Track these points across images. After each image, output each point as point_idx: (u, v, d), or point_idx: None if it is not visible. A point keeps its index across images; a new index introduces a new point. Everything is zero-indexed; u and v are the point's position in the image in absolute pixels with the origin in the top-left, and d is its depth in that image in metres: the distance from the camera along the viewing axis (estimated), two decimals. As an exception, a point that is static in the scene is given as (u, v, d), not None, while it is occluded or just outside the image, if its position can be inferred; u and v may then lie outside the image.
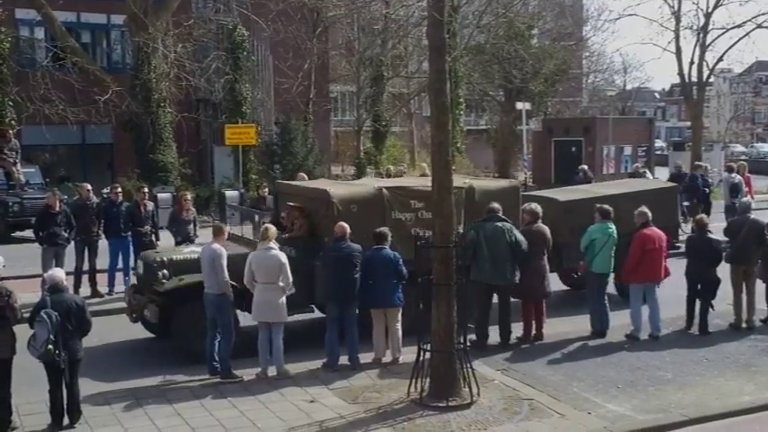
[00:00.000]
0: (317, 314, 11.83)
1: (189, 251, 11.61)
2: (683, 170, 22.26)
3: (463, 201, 11.78)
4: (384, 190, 11.74)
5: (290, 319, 10.75)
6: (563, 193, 14.82)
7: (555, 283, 13.01)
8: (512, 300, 11.60)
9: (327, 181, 15.35)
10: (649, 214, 11.90)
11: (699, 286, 12.03)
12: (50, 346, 8.18)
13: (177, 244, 13.81)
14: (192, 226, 14.74)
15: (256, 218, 12.13)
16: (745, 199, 15.41)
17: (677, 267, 12.28)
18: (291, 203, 11.93)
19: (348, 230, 10.61)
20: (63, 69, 25.92)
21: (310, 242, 11.19)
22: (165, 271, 10.93)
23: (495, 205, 11.61)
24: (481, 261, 11.12)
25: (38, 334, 8.26)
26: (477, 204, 11.96)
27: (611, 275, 12.26)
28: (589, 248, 11.81)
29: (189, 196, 15.32)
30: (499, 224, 11.22)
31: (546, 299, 11.81)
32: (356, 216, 11.19)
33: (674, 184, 16.47)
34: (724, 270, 12.30)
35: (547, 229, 11.74)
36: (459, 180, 12.49)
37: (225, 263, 9.98)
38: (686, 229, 16.81)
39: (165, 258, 11.25)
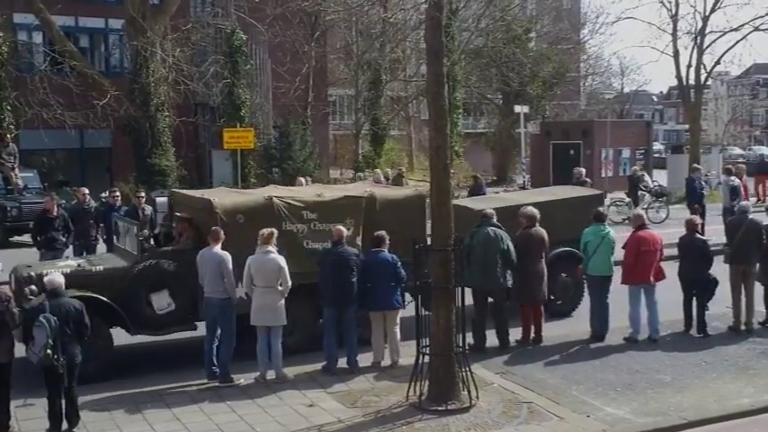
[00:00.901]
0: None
1: (62, 265, 10.88)
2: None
3: (362, 210, 11.38)
4: (275, 200, 11.12)
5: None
6: (480, 202, 14.11)
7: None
8: (507, 303, 11.59)
9: (223, 190, 14.45)
10: (645, 218, 12.12)
11: (694, 287, 12.04)
12: (49, 351, 8.17)
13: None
14: None
15: (133, 229, 11.35)
16: (744, 202, 15.48)
17: (675, 271, 12.28)
18: (179, 214, 11.51)
19: (345, 234, 10.60)
20: (61, 73, 25.93)
21: (194, 255, 10.33)
22: (34, 287, 9.74)
23: (489, 211, 11.60)
24: (473, 266, 11.08)
25: (37, 339, 8.24)
26: (379, 214, 11.42)
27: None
28: (584, 251, 11.88)
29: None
30: (492, 230, 11.21)
31: (544, 302, 11.81)
32: (243, 227, 10.65)
33: (601, 192, 15.63)
34: (722, 271, 12.31)
35: (544, 233, 11.73)
36: (358, 189, 12.44)
37: (231, 267, 9.99)
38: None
39: (33, 273, 10.32)
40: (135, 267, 10.65)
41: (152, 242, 11.98)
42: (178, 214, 11.58)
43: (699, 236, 12.24)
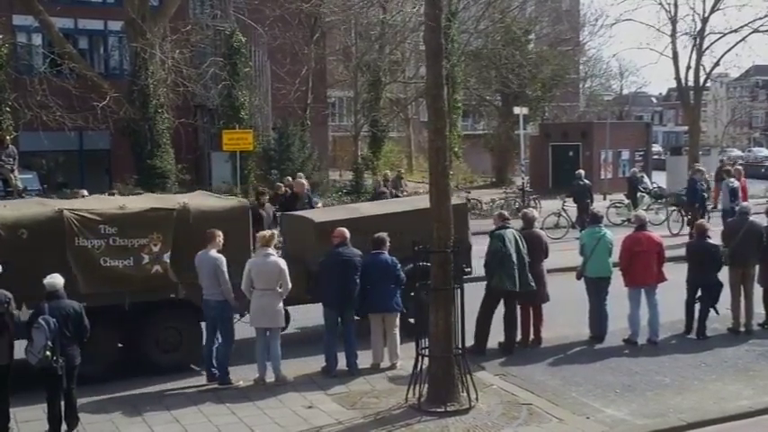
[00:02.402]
0: (317, 317, 11.80)
1: None
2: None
3: (173, 224, 10.46)
4: (66, 212, 10.00)
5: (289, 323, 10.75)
6: (322, 214, 13.55)
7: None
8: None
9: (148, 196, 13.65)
10: (645, 218, 12.20)
11: (699, 291, 12.04)
12: (48, 353, 8.17)
13: None
14: None
15: None
16: (744, 203, 15.46)
17: (675, 272, 12.29)
18: None
19: (348, 235, 10.58)
20: (60, 75, 25.90)
21: None
22: None
23: (505, 212, 11.55)
24: (507, 268, 10.94)
25: (36, 340, 8.23)
26: (193, 227, 10.50)
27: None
28: (581, 254, 11.92)
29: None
30: (513, 233, 11.16)
31: (544, 303, 11.79)
32: (27, 243, 9.65)
33: (464, 202, 14.12)
34: (723, 274, 12.30)
35: (543, 234, 11.73)
36: (169, 201, 11.38)
37: (226, 269, 9.98)
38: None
39: None
40: None
41: None
42: None
43: (710, 241, 12.18)
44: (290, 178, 22.14)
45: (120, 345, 10.63)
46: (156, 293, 10.46)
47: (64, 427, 8.56)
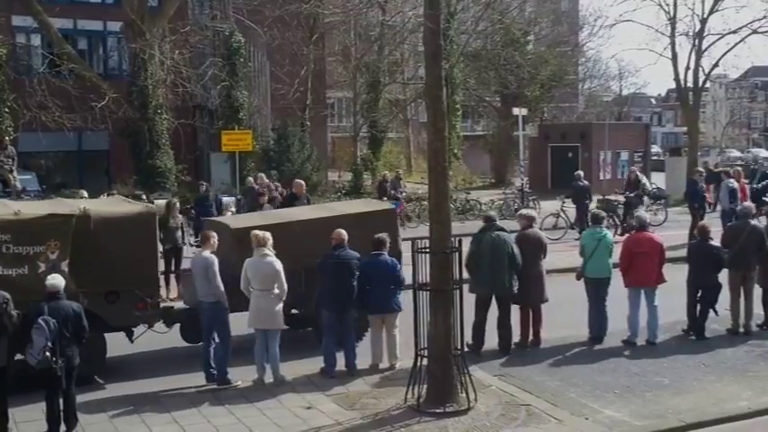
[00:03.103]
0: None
1: None
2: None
3: (70, 231, 9.93)
4: None
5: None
6: (240, 220, 13.12)
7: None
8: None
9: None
10: (646, 219, 12.16)
11: (699, 292, 12.04)
12: (48, 354, 8.16)
13: (165, 251, 13.69)
14: (180, 233, 14.89)
15: None
16: (747, 203, 15.36)
17: (675, 274, 12.29)
18: None
19: (346, 237, 10.59)
20: (60, 76, 25.90)
21: None
22: None
23: (492, 214, 11.54)
24: (482, 272, 11.03)
25: (36, 341, 8.22)
26: (94, 234, 10.09)
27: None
28: (581, 254, 11.92)
29: (177, 203, 15.37)
30: (497, 235, 11.15)
31: (543, 303, 11.78)
32: None
33: (392, 207, 13.42)
34: (723, 275, 12.29)
35: (542, 234, 11.71)
36: (68, 206, 10.76)
37: (217, 270, 9.97)
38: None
39: None
40: None
41: None
42: None
43: (712, 243, 12.13)
44: (262, 174, 22.21)
45: (17, 356, 9.44)
46: None
47: (63, 427, 8.55)
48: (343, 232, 10.64)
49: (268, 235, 10.16)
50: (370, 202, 14.47)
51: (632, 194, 23.11)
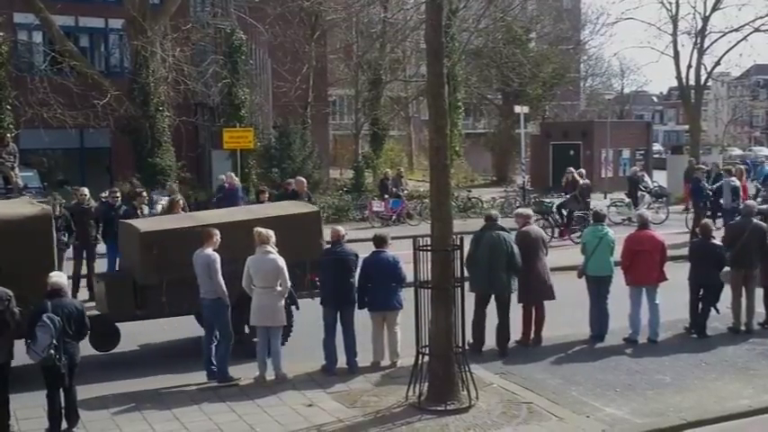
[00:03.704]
0: (317, 318, 11.79)
1: None
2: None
3: None
4: None
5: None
6: (152, 222, 12.56)
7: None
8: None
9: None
10: (647, 217, 12.19)
11: (701, 290, 12.03)
12: (52, 351, 8.17)
13: None
14: None
15: None
16: (750, 201, 15.34)
17: (677, 272, 12.28)
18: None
19: (343, 234, 10.60)
20: (61, 73, 25.88)
21: None
22: None
23: (494, 213, 11.54)
24: (480, 271, 11.00)
25: (39, 338, 8.21)
26: None
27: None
28: (583, 252, 11.94)
29: (181, 201, 15.32)
30: (496, 234, 11.11)
31: (548, 301, 11.74)
32: None
33: (317, 209, 12.85)
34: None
35: (541, 231, 11.69)
36: None
37: (219, 267, 9.97)
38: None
39: None
40: None
41: None
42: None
43: (714, 241, 12.15)
44: (231, 174, 22.05)
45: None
46: None
47: (64, 424, 8.56)
48: (341, 229, 10.70)
49: (271, 232, 10.16)
50: (297, 204, 13.83)
51: (568, 195, 22.11)
